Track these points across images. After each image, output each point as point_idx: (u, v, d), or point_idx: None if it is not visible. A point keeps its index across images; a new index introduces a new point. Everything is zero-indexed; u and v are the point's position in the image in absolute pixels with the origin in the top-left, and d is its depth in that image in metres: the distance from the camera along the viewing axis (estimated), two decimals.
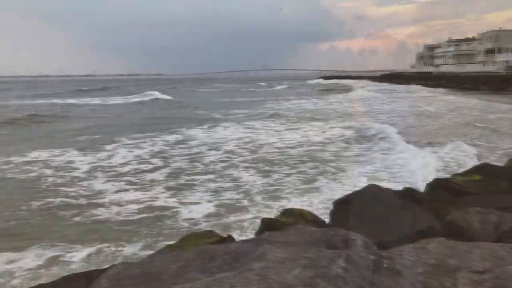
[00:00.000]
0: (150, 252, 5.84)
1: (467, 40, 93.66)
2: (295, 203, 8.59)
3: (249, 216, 8.07)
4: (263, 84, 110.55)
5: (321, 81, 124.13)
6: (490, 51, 78.18)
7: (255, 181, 10.68)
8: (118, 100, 49.51)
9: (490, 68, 69.71)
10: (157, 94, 54.82)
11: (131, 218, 8.11)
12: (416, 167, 11.41)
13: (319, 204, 8.51)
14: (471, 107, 30.97)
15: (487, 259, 2.73)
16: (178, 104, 40.86)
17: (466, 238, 3.48)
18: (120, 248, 6.64)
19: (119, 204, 8.96)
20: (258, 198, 9.20)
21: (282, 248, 1.78)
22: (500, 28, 79.23)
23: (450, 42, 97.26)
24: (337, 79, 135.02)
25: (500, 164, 9.87)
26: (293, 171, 11.62)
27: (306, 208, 7.22)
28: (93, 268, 5.48)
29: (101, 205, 8.87)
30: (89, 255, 6.40)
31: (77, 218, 8.14)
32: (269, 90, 76.72)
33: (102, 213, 8.39)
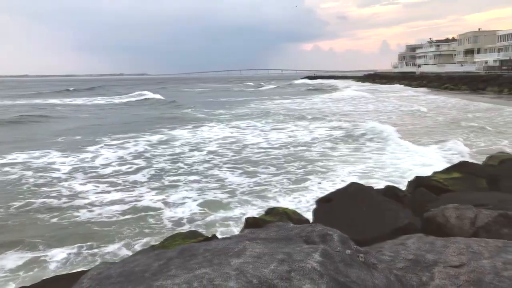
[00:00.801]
0: (132, 252, 5.80)
1: (447, 40, 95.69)
2: (283, 202, 8.65)
3: (234, 216, 8.08)
4: (251, 84, 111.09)
5: (307, 81, 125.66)
6: (469, 52, 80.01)
7: (242, 181, 10.65)
8: (109, 100, 49.08)
9: (469, 68, 71.33)
10: (149, 94, 54.94)
11: (113, 219, 8.02)
12: (414, 166, 11.55)
13: (307, 203, 8.54)
14: (451, 106, 31.66)
15: (463, 253, 2.82)
16: (171, 104, 40.74)
17: (444, 233, 3.57)
18: (102, 249, 6.57)
19: (101, 205, 8.86)
20: (244, 198, 9.20)
21: (262, 244, 1.82)
22: (479, 29, 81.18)
23: (431, 42, 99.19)
24: (322, 79, 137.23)
25: (479, 162, 10.15)
26: (282, 171, 11.62)
27: (293, 207, 7.29)
28: (73, 269, 5.44)
29: (83, 207, 8.75)
30: (70, 256, 6.32)
31: (58, 220, 8.02)
32: (257, 90, 77.20)
33: (83, 215, 8.29)
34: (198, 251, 1.88)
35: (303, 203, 8.59)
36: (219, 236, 5.65)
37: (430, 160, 12.27)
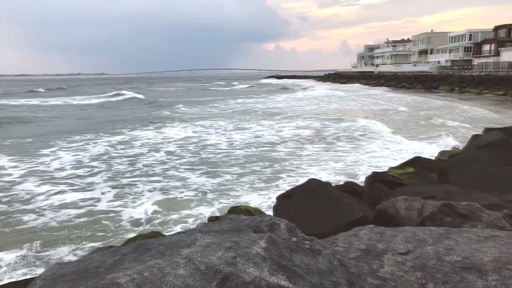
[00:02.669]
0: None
1: (403, 41, 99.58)
2: (247, 197, 8.72)
3: (196, 215, 8.07)
4: (222, 83, 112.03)
5: (273, 80, 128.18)
6: (423, 52, 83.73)
7: (207, 181, 10.60)
8: (87, 100, 47.70)
9: (424, 68, 74.66)
10: (130, 94, 55.29)
11: (68, 223, 7.71)
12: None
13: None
14: (405, 104, 33.12)
15: (409, 241, 3.01)
16: (156, 103, 40.64)
17: (395, 224, 3.79)
18: (51, 254, 6.36)
19: (53, 208, 8.52)
20: (211, 198, 9.17)
21: (213, 236, 1.90)
22: (432, 30, 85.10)
23: (388, 43, 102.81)
24: (287, 78, 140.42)
25: (431, 157, 10.71)
26: (247, 170, 11.63)
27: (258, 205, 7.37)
28: (20, 274, 5.27)
29: (33, 211, 8.37)
30: (17, 261, 6.09)
31: (5, 226, 7.64)
32: (233, 89, 78.20)
33: (34, 219, 7.92)
34: (153, 245, 1.94)
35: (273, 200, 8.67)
36: None
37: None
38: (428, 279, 2.59)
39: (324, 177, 9.88)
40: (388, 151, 13.72)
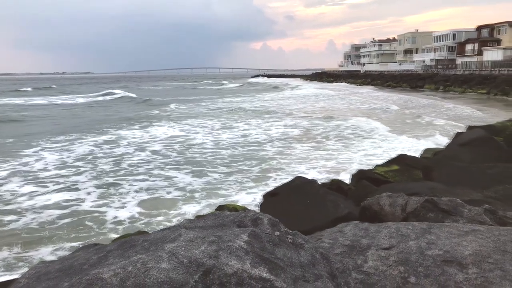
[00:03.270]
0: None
1: (388, 40, 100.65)
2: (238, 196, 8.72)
3: (183, 214, 8.04)
4: (211, 82, 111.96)
5: (261, 79, 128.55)
6: (408, 51, 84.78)
7: (194, 180, 10.55)
8: (82, 99, 47.12)
9: (409, 67, 75.61)
10: (122, 93, 55.66)
11: (51, 224, 7.59)
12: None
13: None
14: (391, 102, 33.51)
15: (393, 237, 3.07)
16: (149, 102, 40.72)
17: (379, 220, 3.85)
18: (31, 256, 6.26)
19: (39, 210, 8.38)
20: (198, 197, 9.13)
21: (197, 231, 1.93)
22: (416, 30, 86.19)
23: (374, 42, 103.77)
24: (275, 77, 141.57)
25: (416, 155, 10.87)
26: (235, 169, 11.60)
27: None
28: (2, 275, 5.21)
29: (14, 211, 8.22)
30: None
31: None
32: (220, 88, 78.31)
33: (15, 221, 7.78)
34: (138, 242, 1.95)
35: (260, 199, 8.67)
36: None
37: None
38: (410, 272, 2.65)
39: (315, 175, 9.88)
40: (381, 149, 13.84)
